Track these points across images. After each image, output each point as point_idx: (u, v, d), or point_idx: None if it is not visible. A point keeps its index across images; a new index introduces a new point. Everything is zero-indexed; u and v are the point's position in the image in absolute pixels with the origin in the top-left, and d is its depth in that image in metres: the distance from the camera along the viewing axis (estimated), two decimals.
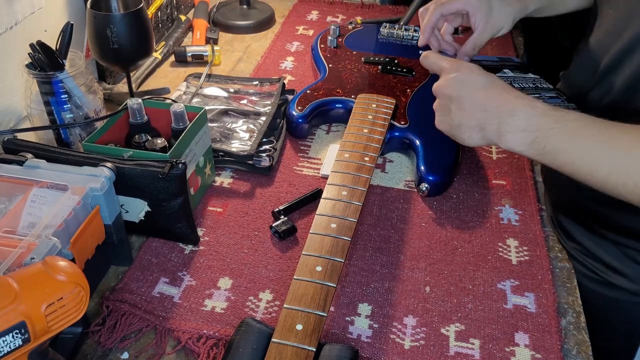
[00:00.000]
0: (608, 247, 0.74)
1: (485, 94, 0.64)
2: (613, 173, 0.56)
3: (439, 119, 0.69)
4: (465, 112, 0.65)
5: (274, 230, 0.73)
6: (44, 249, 0.53)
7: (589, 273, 0.76)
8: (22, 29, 0.85)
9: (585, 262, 0.76)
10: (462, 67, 0.67)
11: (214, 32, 1.20)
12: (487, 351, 0.61)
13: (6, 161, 0.63)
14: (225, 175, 0.84)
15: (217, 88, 1.00)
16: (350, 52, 1.05)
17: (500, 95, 0.63)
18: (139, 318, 0.63)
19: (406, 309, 0.66)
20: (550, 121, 0.59)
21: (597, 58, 0.74)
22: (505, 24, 0.82)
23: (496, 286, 0.68)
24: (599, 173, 0.57)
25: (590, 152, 0.58)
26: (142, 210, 0.69)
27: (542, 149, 0.60)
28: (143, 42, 0.84)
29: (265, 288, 0.67)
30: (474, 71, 0.66)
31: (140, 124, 0.76)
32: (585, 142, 0.58)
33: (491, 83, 0.65)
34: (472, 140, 0.66)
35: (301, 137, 0.92)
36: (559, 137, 0.59)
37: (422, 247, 0.73)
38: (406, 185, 0.84)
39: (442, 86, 0.68)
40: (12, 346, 0.43)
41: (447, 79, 0.67)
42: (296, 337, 0.53)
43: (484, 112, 0.63)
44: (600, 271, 0.75)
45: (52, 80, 0.76)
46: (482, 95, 0.64)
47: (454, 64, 0.68)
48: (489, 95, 0.63)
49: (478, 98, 0.64)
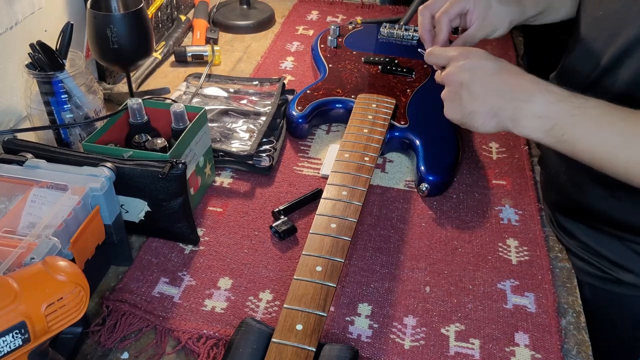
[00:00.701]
0: (613, 244, 0.74)
1: (498, 79, 0.62)
2: (632, 161, 0.56)
3: (449, 107, 0.67)
4: (477, 99, 0.63)
5: (274, 230, 0.73)
6: (44, 249, 0.53)
7: (594, 271, 0.76)
8: (22, 29, 0.85)
9: (590, 260, 0.76)
10: (471, 53, 0.65)
11: (214, 32, 1.20)
12: (487, 351, 0.61)
13: (6, 161, 0.63)
14: (225, 175, 0.84)
15: (217, 88, 1.00)
16: (350, 52, 1.05)
17: (514, 79, 0.61)
18: (139, 318, 0.63)
19: (406, 309, 0.66)
20: (570, 108, 0.58)
21: (591, 61, 0.73)
22: (501, 26, 0.80)
23: (496, 286, 0.68)
24: (618, 161, 0.56)
25: (610, 141, 0.57)
26: (142, 210, 0.69)
27: (561, 137, 0.59)
28: (143, 42, 0.84)
29: (265, 288, 0.67)
30: (484, 56, 0.65)
31: (140, 124, 0.76)
32: (606, 131, 0.57)
33: (503, 68, 0.63)
34: (485, 127, 0.64)
35: (301, 137, 0.92)
36: (579, 126, 0.57)
37: (422, 247, 0.73)
38: (406, 185, 0.84)
39: (451, 73, 0.66)
40: (12, 346, 0.43)
41: (456, 66, 0.65)
42: (296, 337, 0.53)
43: (498, 97, 0.62)
44: (606, 268, 0.75)
45: (52, 80, 0.76)
46: (495, 80, 0.62)
47: (462, 51, 0.67)
48: (502, 80, 0.62)
49: (491, 83, 0.62)
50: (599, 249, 0.75)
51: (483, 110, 0.63)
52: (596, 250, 0.75)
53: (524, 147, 0.91)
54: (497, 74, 0.63)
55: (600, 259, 0.75)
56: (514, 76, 0.62)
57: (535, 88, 0.60)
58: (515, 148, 0.91)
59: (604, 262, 0.75)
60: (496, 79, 0.62)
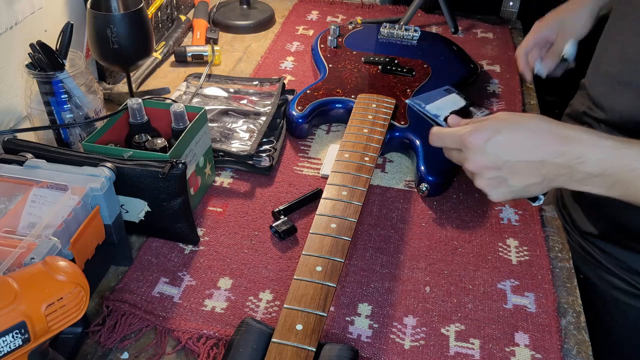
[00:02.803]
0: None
1: (534, 148, 0.56)
2: None
3: (496, 193, 0.60)
4: (524, 174, 0.57)
5: (274, 230, 0.73)
6: (44, 249, 0.53)
7: (626, 287, 0.76)
8: (22, 29, 0.85)
9: (624, 276, 0.76)
10: (483, 129, 0.58)
11: (214, 32, 1.20)
12: (487, 351, 0.61)
13: (6, 161, 0.63)
14: (225, 175, 0.84)
15: (217, 88, 1.00)
16: (350, 52, 1.05)
17: (552, 141, 0.55)
18: (139, 318, 0.63)
19: (406, 309, 0.66)
20: (627, 162, 0.54)
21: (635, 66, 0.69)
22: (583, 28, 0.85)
23: (496, 286, 0.68)
24: None
25: None
26: (142, 210, 0.69)
27: (626, 190, 0.55)
28: (143, 42, 0.84)
29: (265, 288, 0.67)
30: (499, 126, 0.57)
31: (140, 124, 0.76)
32: None
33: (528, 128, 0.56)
34: (544, 191, 0.59)
35: (301, 137, 0.92)
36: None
37: (422, 247, 0.73)
38: (406, 185, 0.84)
39: (478, 162, 0.58)
40: (12, 346, 0.43)
41: (478, 151, 0.58)
42: (296, 337, 0.53)
43: (546, 166, 0.56)
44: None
45: (52, 80, 0.76)
46: (532, 150, 0.56)
47: (472, 131, 0.59)
48: (539, 147, 0.56)
49: (529, 155, 0.56)
50: (635, 265, 0.75)
51: (537, 181, 0.58)
52: (632, 267, 0.75)
53: None
54: (528, 141, 0.56)
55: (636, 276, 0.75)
56: (547, 136, 0.56)
57: (580, 146, 0.55)
58: None
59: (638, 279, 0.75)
60: (532, 148, 0.56)
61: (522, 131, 0.57)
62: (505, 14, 1.30)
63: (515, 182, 0.58)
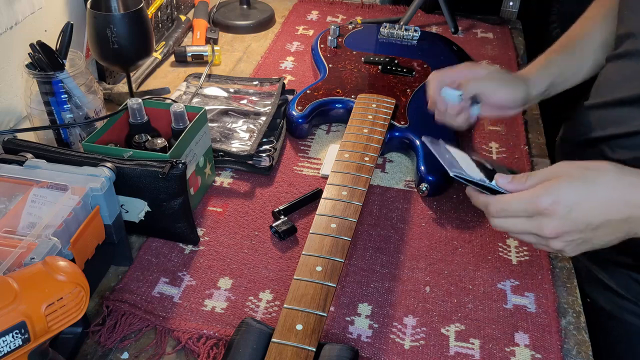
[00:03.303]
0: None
1: (615, 208, 0.53)
2: None
3: (574, 251, 0.57)
4: (604, 233, 0.55)
5: (274, 230, 0.73)
6: (44, 249, 0.53)
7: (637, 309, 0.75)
8: (22, 29, 0.85)
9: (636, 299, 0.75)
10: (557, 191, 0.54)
11: (214, 32, 1.20)
12: (487, 351, 0.61)
13: (6, 161, 0.63)
14: (225, 175, 0.84)
15: (217, 88, 1.00)
16: (350, 52, 1.05)
17: (633, 197, 0.53)
18: (139, 318, 0.63)
19: (406, 309, 0.66)
20: None
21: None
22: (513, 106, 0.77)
23: (496, 286, 0.68)
24: None
25: None
26: (142, 210, 0.69)
27: None
28: (143, 42, 0.84)
29: (265, 288, 0.67)
30: (575, 188, 0.54)
31: (140, 124, 0.76)
32: None
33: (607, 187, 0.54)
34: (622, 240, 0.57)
35: (301, 137, 0.92)
36: None
37: (422, 247, 0.73)
38: (406, 185, 0.84)
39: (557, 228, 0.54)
40: (12, 346, 0.43)
41: (556, 217, 0.54)
42: (296, 337, 0.53)
43: (630, 222, 0.54)
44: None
45: (52, 80, 0.76)
46: (614, 211, 0.53)
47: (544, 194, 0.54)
48: (621, 206, 0.53)
49: (607, 214, 0.54)
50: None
51: (621, 236, 0.56)
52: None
53: (524, 147, 0.91)
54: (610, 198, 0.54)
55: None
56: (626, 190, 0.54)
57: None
58: (515, 148, 0.91)
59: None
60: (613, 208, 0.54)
61: (600, 191, 0.54)
62: (505, 14, 1.30)
63: (597, 241, 0.56)
